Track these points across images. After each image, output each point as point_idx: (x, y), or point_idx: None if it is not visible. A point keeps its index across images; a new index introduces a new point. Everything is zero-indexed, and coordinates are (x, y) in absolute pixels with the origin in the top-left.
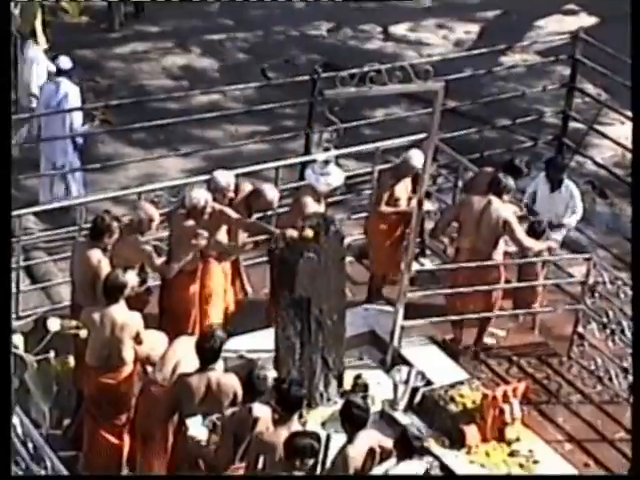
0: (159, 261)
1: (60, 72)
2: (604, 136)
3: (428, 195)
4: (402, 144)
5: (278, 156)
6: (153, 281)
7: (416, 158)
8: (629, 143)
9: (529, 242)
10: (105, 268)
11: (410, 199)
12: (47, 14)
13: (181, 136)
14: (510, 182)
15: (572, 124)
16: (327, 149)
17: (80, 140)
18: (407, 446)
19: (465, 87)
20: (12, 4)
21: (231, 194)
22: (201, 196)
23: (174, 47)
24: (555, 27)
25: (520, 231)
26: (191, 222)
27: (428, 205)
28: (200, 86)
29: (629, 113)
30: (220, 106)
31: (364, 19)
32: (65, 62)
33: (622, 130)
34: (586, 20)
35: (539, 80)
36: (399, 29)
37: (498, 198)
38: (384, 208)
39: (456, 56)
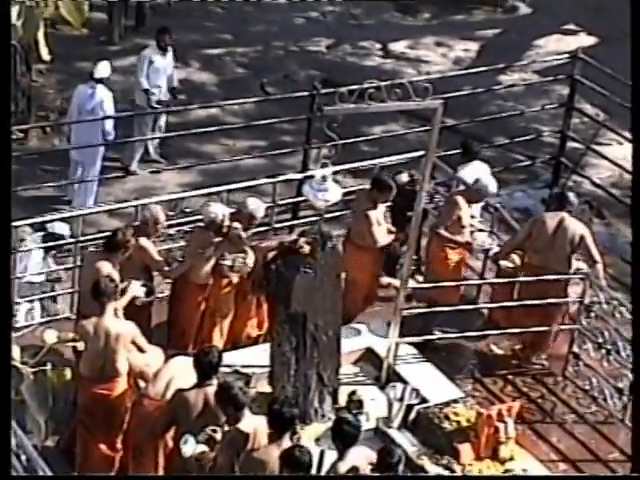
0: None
1: (97, 78)
2: (602, 156)
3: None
4: (400, 161)
5: (276, 171)
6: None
7: (492, 185)
8: (627, 163)
9: (599, 257)
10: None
11: (472, 232)
12: (48, 26)
13: (179, 150)
14: (575, 199)
15: (570, 144)
16: (325, 165)
17: (110, 136)
18: (383, 463)
19: (463, 105)
20: (15, 15)
21: (255, 223)
22: (218, 210)
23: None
24: (554, 47)
25: (594, 246)
26: (209, 235)
27: (487, 241)
28: (198, 100)
29: (627, 134)
30: (218, 120)
31: (363, 36)
32: (103, 69)
33: (620, 150)
34: (585, 40)
35: (538, 99)
36: (398, 46)
37: (569, 214)
38: (444, 232)
39: (455, 74)
